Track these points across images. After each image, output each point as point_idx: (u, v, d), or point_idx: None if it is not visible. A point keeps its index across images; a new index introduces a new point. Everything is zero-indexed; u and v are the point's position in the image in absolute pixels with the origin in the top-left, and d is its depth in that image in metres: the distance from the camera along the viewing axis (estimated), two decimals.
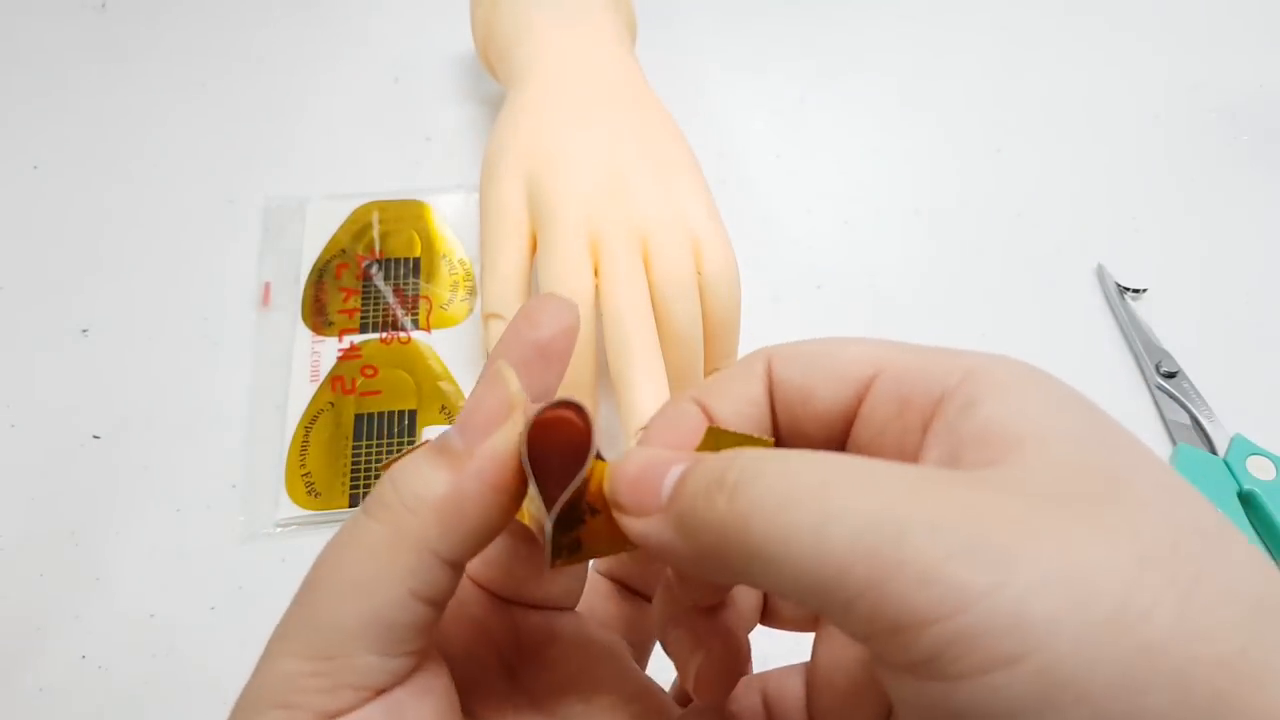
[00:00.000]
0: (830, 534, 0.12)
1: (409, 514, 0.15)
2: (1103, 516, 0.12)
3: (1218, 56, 0.51)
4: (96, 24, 0.52)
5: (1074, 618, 0.11)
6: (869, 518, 0.12)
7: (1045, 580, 0.11)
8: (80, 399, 0.39)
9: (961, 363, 0.15)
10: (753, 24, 0.53)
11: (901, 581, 0.11)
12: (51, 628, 0.33)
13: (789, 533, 0.12)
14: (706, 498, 0.14)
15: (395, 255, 0.42)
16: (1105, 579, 0.11)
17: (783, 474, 0.13)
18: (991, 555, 0.11)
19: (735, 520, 0.13)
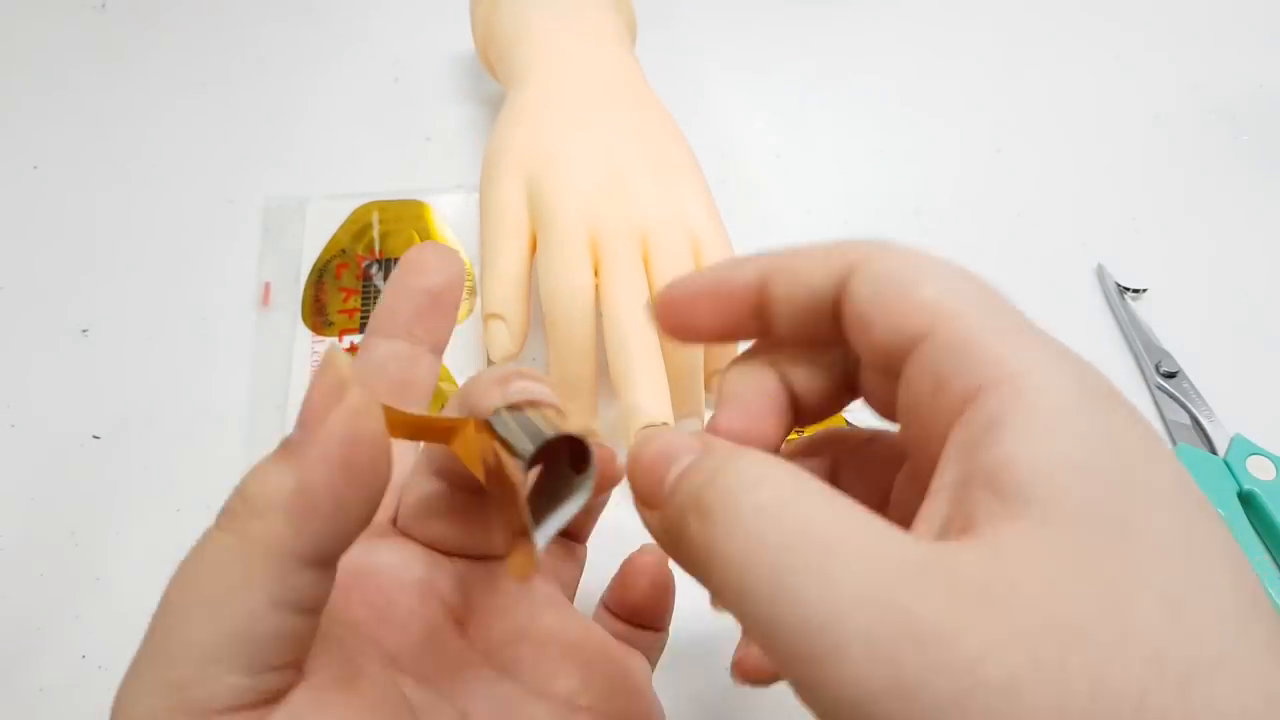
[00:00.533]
0: (782, 618, 0.12)
1: (257, 519, 0.14)
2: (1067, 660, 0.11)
3: (1218, 56, 0.51)
4: (96, 23, 0.52)
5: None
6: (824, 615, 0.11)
7: None
8: (80, 399, 0.39)
9: (1008, 362, 0.13)
10: (753, 24, 0.53)
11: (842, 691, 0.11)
12: (51, 628, 0.33)
13: (743, 590, 0.12)
14: (682, 517, 0.13)
15: (395, 255, 0.42)
16: None
17: (753, 516, 0.12)
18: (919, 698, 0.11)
19: (698, 554, 0.13)
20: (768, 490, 0.13)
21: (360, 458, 0.14)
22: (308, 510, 0.14)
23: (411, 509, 0.19)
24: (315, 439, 0.14)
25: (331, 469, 0.14)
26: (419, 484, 0.19)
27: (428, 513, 0.18)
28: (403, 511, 0.19)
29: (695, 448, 0.14)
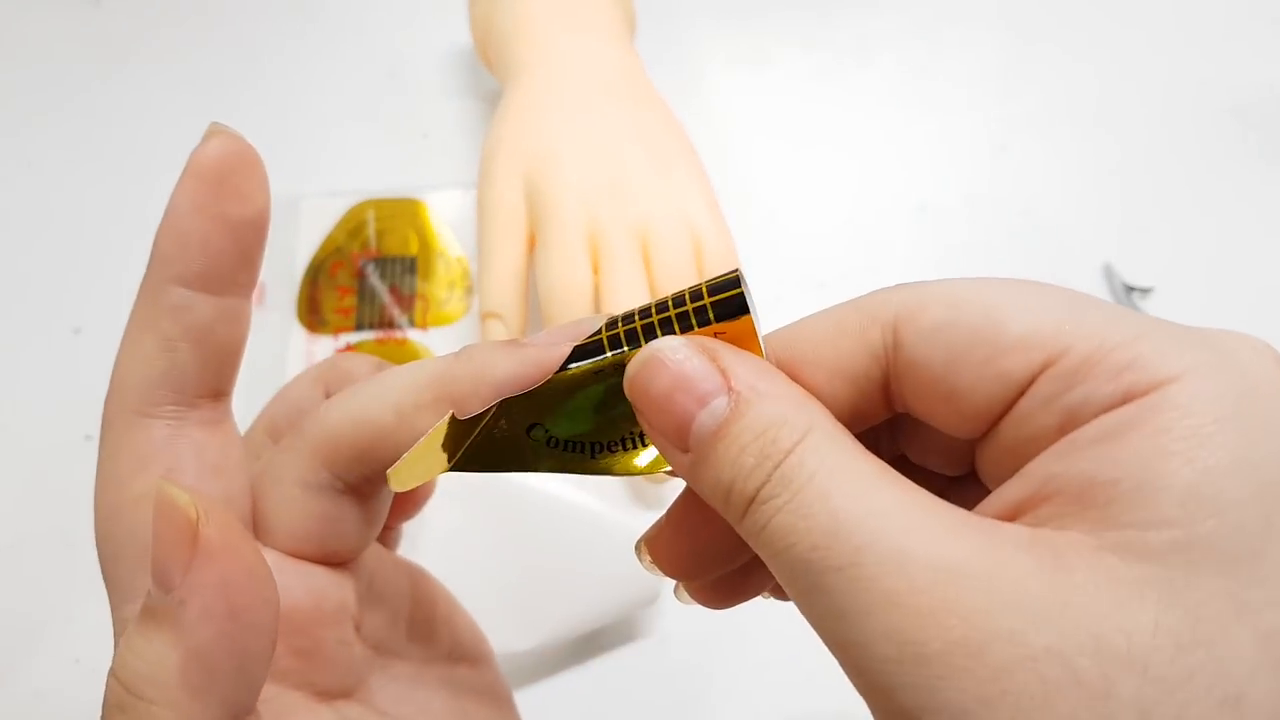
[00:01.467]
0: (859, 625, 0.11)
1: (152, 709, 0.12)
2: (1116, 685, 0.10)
3: (1226, 54, 0.51)
4: (91, 21, 0.52)
5: None
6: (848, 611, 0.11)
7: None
8: (72, 399, 0.38)
9: (1158, 368, 0.11)
10: (754, 18, 0.52)
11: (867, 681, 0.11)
12: (44, 631, 0.33)
13: (815, 594, 0.12)
14: (728, 500, 0.13)
15: (391, 253, 0.42)
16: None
17: (790, 513, 0.12)
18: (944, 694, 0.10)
19: (749, 537, 0.12)
20: (804, 484, 0.12)
21: (247, 598, 0.12)
22: (206, 681, 0.12)
23: (283, 523, 0.16)
24: (188, 596, 0.12)
25: (218, 623, 0.12)
26: (281, 493, 0.15)
27: (305, 524, 0.15)
28: (272, 528, 0.16)
29: (720, 385, 0.13)
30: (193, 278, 0.14)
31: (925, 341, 0.13)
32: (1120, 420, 0.11)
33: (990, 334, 0.12)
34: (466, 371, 0.14)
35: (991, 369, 0.12)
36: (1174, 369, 0.11)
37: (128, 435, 0.14)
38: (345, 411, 0.15)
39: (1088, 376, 0.12)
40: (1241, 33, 0.52)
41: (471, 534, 0.31)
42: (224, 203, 0.14)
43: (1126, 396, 0.11)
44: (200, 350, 0.15)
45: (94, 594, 0.34)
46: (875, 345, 0.14)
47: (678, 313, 0.14)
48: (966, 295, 0.13)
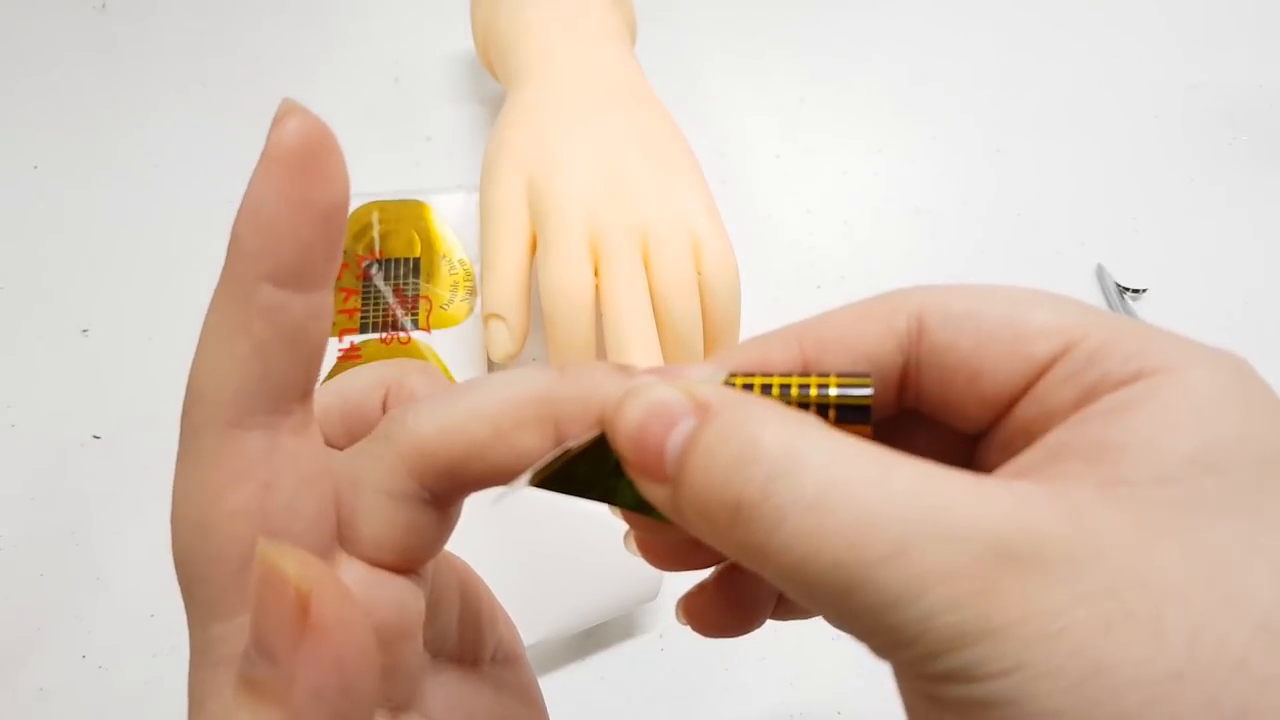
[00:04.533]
0: (859, 602, 0.11)
1: None
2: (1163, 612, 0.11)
3: (1216, 56, 0.51)
4: (96, 24, 0.52)
5: (1075, 717, 0.10)
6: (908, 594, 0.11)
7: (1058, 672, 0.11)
8: (80, 399, 0.39)
9: (1164, 356, 0.12)
10: (753, 23, 0.53)
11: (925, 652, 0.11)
12: (51, 628, 0.33)
13: (809, 583, 0.11)
14: (711, 512, 0.12)
15: (395, 255, 0.42)
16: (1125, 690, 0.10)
17: (805, 514, 0.11)
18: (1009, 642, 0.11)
19: (750, 551, 0.12)
20: (811, 477, 0.11)
21: (358, 674, 0.12)
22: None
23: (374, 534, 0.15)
24: (298, 674, 0.11)
25: (332, 703, 0.12)
26: (375, 503, 0.15)
27: (394, 535, 0.15)
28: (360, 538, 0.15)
29: (689, 406, 0.13)
30: (285, 275, 0.13)
31: (953, 325, 0.14)
32: (1130, 395, 0.12)
33: (1015, 321, 0.13)
34: (574, 394, 0.14)
35: (1018, 351, 0.13)
36: (1181, 359, 0.12)
37: (219, 447, 0.13)
38: (439, 422, 0.14)
39: (1104, 359, 0.13)
40: (1232, 36, 0.52)
41: (472, 531, 0.31)
42: (312, 189, 0.13)
43: (1138, 376, 0.12)
44: (295, 353, 0.13)
45: (100, 592, 0.34)
46: (900, 331, 0.14)
47: (799, 400, 0.13)
48: (989, 292, 0.14)
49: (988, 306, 0.14)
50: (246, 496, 0.13)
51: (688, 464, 0.12)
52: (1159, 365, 0.12)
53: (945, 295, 0.14)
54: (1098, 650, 0.10)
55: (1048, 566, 0.11)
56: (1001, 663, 0.11)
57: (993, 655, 0.11)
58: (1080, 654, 0.10)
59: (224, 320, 0.13)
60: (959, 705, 0.11)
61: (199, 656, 0.13)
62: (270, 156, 0.13)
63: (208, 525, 0.13)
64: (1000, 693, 0.11)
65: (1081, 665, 0.10)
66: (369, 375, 0.17)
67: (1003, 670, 0.11)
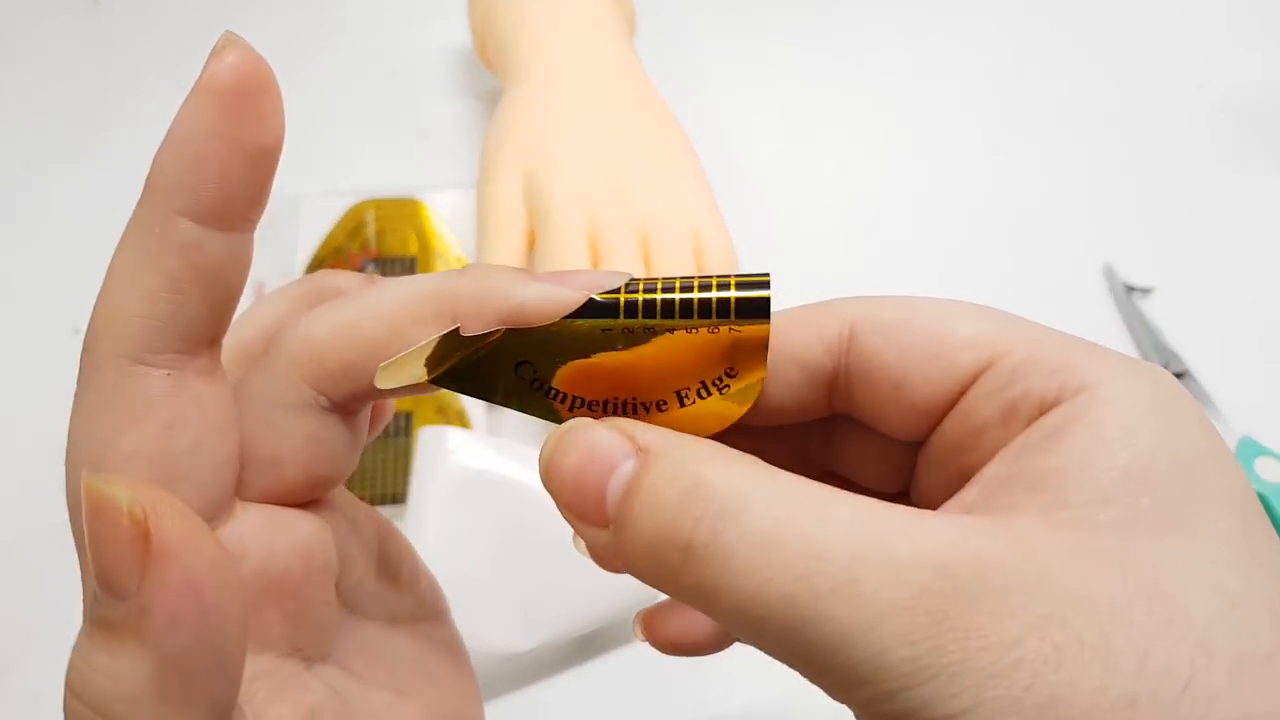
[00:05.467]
0: (809, 639, 0.11)
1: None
2: (1111, 639, 0.11)
3: (1225, 54, 0.51)
4: (89, 20, 0.52)
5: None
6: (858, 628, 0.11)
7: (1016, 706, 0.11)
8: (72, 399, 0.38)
9: (1086, 371, 0.13)
10: (754, 18, 0.52)
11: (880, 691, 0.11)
12: (46, 631, 0.33)
13: (757, 620, 0.11)
14: (660, 553, 0.12)
15: (391, 253, 0.41)
16: None
17: (751, 549, 0.11)
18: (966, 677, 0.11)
19: (699, 591, 0.12)
20: (757, 512, 0.11)
21: (215, 593, 0.11)
22: (185, 688, 0.11)
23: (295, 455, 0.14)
24: (149, 603, 0.11)
25: (190, 627, 0.11)
26: (293, 423, 0.14)
27: (320, 453, 0.14)
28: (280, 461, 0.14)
29: (629, 449, 0.13)
30: (204, 212, 0.12)
31: (880, 335, 0.14)
32: (1060, 419, 0.13)
33: (941, 333, 0.14)
34: (474, 291, 0.14)
35: (941, 363, 0.14)
36: (1100, 373, 0.13)
37: (122, 384, 0.12)
38: (332, 323, 0.14)
39: (1027, 374, 0.13)
40: (1239, 33, 0.52)
41: (472, 534, 0.30)
42: (243, 127, 0.12)
43: (1060, 392, 0.13)
44: (208, 294, 0.13)
45: None
46: (831, 338, 0.14)
47: (700, 297, 0.13)
48: (919, 304, 0.14)
49: (916, 316, 0.14)
50: (146, 436, 0.12)
51: (632, 506, 0.12)
52: (1081, 382, 0.13)
53: (878, 305, 0.14)
54: (1053, 681, 0.10)
55: (995, 594, 0.11)
56: (959, 701, 0.11)
57: (948, 692, 0.11)
58: (1036, 686, 0.10)
59: (136, 252, 0.13)
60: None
61: (86, 615, 0.12)
62: (202, 89, 0.12)
63: (103, 464, 0.12)
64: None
65: (1038, 698, 0.10)
66: (285, 294, 0.16)
67: (961, 709, 0.11)
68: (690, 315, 0.14)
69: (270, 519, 0.14)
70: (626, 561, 0.13)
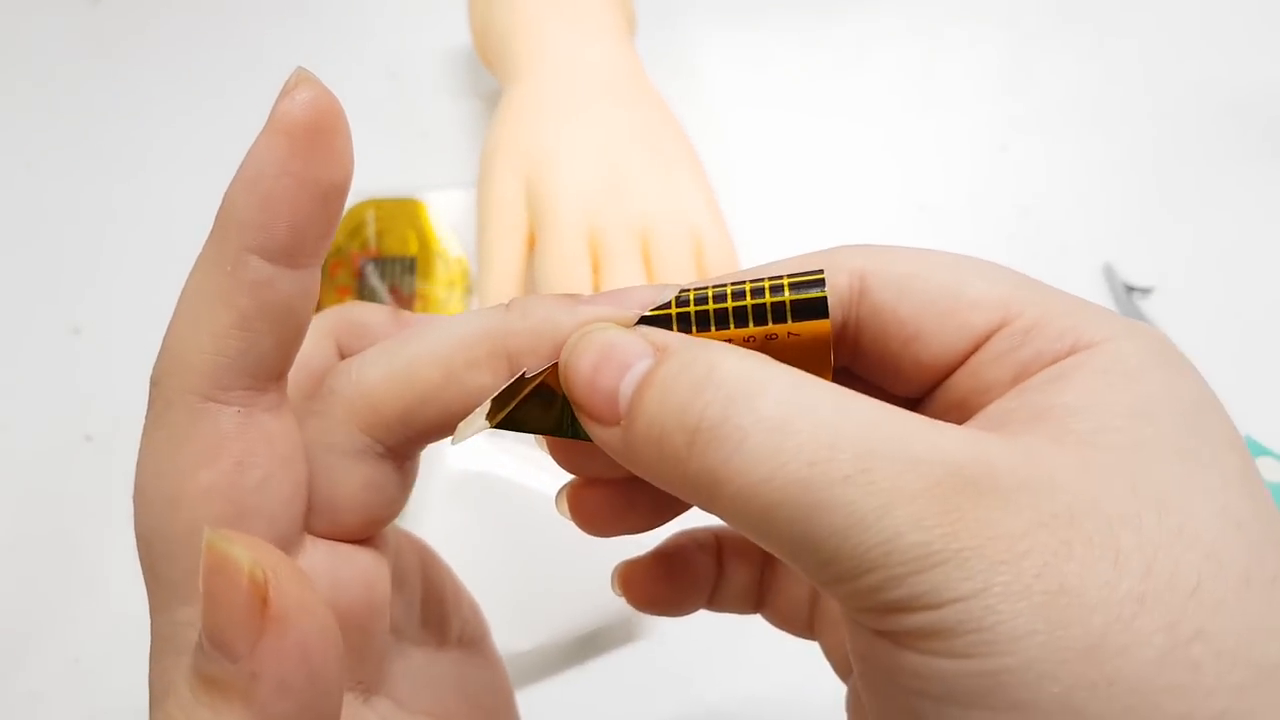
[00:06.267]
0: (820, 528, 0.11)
1: None
2: (1119, 540, 0.11)
3: (1226, 52, 0.51)
4: (88, 21, 0.52)
5: (1043, 638, 0.10)
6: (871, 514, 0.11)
7: (1025, 592, 0.11)
8: (72, 400, 0.38)
9: (1093, 331, 0.13)
10: (754, 17, 0.52)
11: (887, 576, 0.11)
12: (43, 631, 0.33)
13: (767, 510, 0.11)
14: (666, 439, 0.12)
15: (391, 253, 0.41)
16: (1090, 611, 0.11)
17: (767, 433, 0.11)
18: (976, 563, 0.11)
19: (704, 478, 0.12)
20: (772, 399, 0.11)
21: (323, 661, 0.11)
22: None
23: (353, 500, 0.14)
24: (260, 669, 0.11)
25: (298, 695, 0.11)
26: (352, 469, 0.14)
27: (376, 498, 0.14)
28: (338, 507, 0.14)
29: (647, 349, 0.12)
30: (276, 250, 0.13)
31: (894, 289, 0.14)
32: (1066, 366, 0.13)
33: (955, 289, 0.14)
34: (525, 327, 0.14)
35: (955, 320, 0.14)
36: (1108, 332, 0.13)
37: (193, 421, 0.13)
38: (385, 370, 0.14)
39: (1039, 335, 0.13)
40: (1240, 31, 0.52)
41: (471, 534, 0.30)
42: (314, 166, 0.12)
43: (1071, 352, 0.13)
44: (278, 330, 0.13)
45: (92, 594, 0.34)
46: (841, 289, 0.14)
47: (755, 304, 0.13)
48: (930, 256, 0.14)
49: (931, 270, 0.14)
50: (219, 474, 0.13)
51: (643, 396, 0.12)
52: (1089, 339, 0.13)
53: (889, 256, 0.14)
54: (1061, 572, 0.11)
55: (1007, 494, 0.11)
56: (969, 584, 0.11)
57: (958, 576, 0.11)
58: (1045, 575, 0.11)
59: (207, 289, 0.13)
60: (918, 635, 0.11)
61: (162, 643, 0.13)
62: (274, 126, 0.12)
63: (178, 501, 0.13)
64: (965, 616, 0.11)
65: (1047, 585, 0.10)
66: (315, 329, 0.15)
67: (970, 592, 0.11)
68: (745, 323, 0.13)
69: (334, 553, 0.14)
70: (634, 455, 0.12)
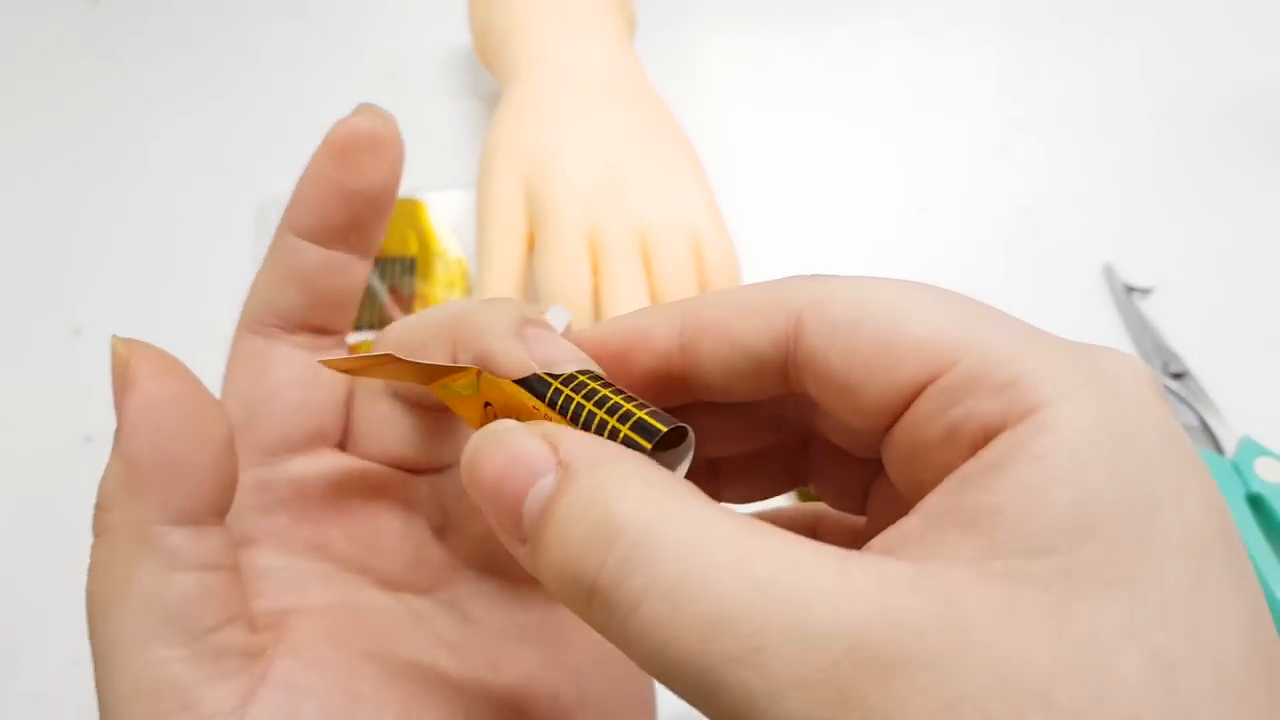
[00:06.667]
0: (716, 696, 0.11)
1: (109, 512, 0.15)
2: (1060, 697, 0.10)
3: (1226, 53, 0.51)
4: (88, 21, 0.51)
5: None
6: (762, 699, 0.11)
7: None
8: (72, 400, 0.38)
9: (1034, 389, 0.12)
10: (754, 18, 0.52)
11: None
12: (43, 631, 0.33)
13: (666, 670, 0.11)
14: (566, 587, 0.12)
15: (390, 254, 0.41)
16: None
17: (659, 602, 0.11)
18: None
19: (608, 634, 0.12)
20: (670, 557, 0.11)
21: (168, 419, 0.14)
22: (140, 484, 0.14)
23: (371, 433, 0.17)
24: (120, 418, 0.14)
25: (145, 436, 0.14)
26: (372, 408, 0.17)
27: (391, 435, 0.17)
28: (361, 436, 0.17)
29: (550, 462, 0.12)
30: (304, 230, 0.17)
31: (826, 337, 0.13)
32: (1002, 450, 0.12)
33: (887, 338, 0.13)
34: (468, 326, 0.16)
35: (885, 375, 0.13)
36: (1051, 390, 0.12)
37: (236, 346, 0.17)
38: (391, 335, 0.17)
39: (971, 393, 0.12)
40: (1239, 31, 0.52)
41: None
42: (342, 174, 0.16)
43: (1006, 415, 0.12)
44: (304, 290, 0.17)
45: None
46: (778, 331, 0.14)
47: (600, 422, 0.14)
48: (871, 295, 0.13)
49: (865, 315, 0.13)
50: (239, 380, 0.17)
51: (544, 533, 0.12)
52: (1027, 404, 0.12)
53: (827, 293, 0.14)
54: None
55: (910, 671, 0.10)
56: None
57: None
58: None
59: (267, 256, 0.17)
60: None
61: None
62: (324, 141, 0.16)
63: (220, 404, 0.16)
64: None
65: None
66: (427, 327, 0.17)
67: None
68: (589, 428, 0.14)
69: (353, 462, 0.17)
70: (546, 586, 0.13)
